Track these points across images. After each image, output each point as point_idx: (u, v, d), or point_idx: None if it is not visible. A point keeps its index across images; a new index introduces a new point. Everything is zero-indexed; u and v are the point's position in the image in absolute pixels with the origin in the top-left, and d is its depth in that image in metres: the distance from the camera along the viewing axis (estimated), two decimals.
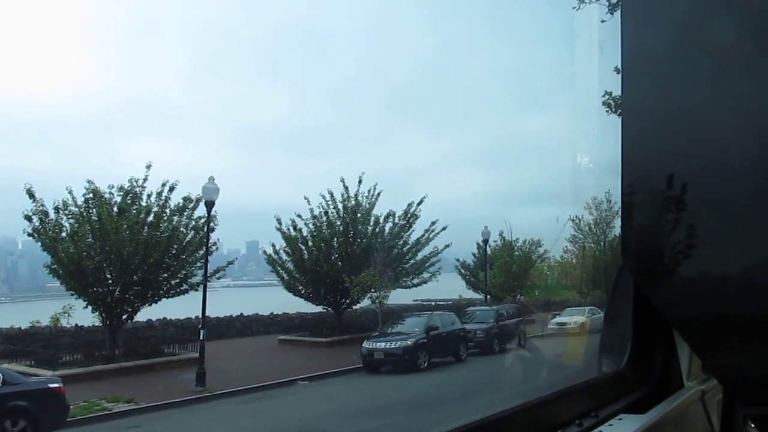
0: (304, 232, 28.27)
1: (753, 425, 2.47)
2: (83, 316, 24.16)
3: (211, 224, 21.07)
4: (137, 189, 21.00)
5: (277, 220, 28.40)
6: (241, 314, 32.38)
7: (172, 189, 20.77)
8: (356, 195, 28.08)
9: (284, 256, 28.69)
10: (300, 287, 28.99)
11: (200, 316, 31.04)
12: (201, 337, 18.33)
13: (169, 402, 15.90)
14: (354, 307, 30.10)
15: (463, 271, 39.36)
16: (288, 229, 28.29)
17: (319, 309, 30.24)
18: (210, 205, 18.54)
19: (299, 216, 28.48)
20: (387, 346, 20.91)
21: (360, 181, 28.07)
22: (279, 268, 29.01)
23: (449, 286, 39.97)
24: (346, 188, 28.11)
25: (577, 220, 35.84)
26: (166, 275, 21.28)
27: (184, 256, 21.46)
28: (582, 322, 27.09)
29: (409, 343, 20.95)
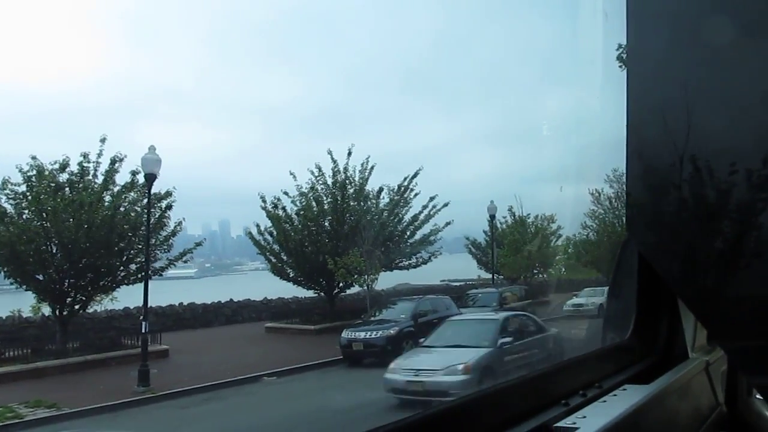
0: (291, 210, 25.87)
1: (758, 395, 2.62)
2: None
3: (169, 201, 18.87)
4: (87, 165, 18.78)
5: (261, 198, 26.04)
6: (231, 300, 30.28)
7: (114, 162, 18.42)
8: (345, 168, 25.50)
9: (269, 237, 26.37)
10: (289, 271, 26.71)
11: (185, 303, 29.44)
12: (143, 330, 16.07)
13: (99, 406, 13.73)
14: (354, 291, 27.81)
15: (473, 250, 36.65)
16: (273, 207, 25.92)
17: (315, 293, 28.04)
18: (151, 178, 16.10)
19: (285, 193, 26.08)
20: (367, 336, 18.48)
21: (349, 153, 25.48)
22: (266, 251, 26.75)
23: (470, 266, 38.03)
24: (335, 161, 25.58)
25: (597, 194, 32.94)
26: (122, 260, 19.01)
27: (136, 239, 19.09)
28: (601, 303, 24.64)
29: (392, 332, 18.48)
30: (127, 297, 29.26)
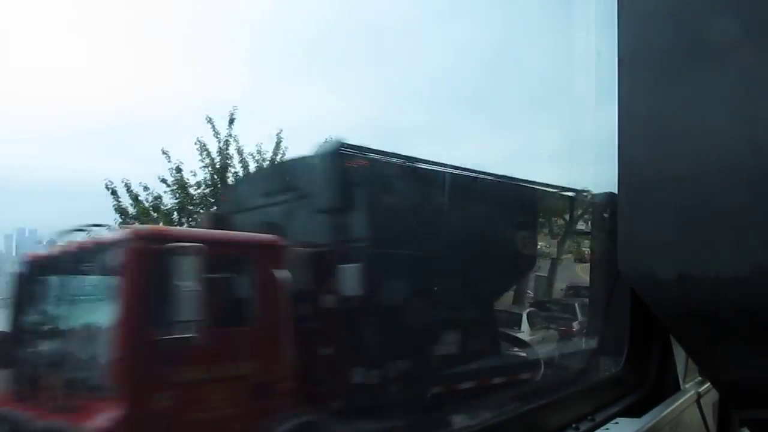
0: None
1: (747, 430, 2.59)
2: None
3: None
4: None
5: (126, 186, 17.95)
6: None
7: None
8: (227, 143, 17.02)
9: None
10: None
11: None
12: None
13: None
14: None
15: None
16: (135, 200, 17.85)
17: None
18: None
19: (164, 181, 17.83)
20: None
21: (232, 120, 16.95)
22: None
23: None
24: (216, 133, 17.13)
25: None
26: None
27: None
28: None
29: None
30: None
